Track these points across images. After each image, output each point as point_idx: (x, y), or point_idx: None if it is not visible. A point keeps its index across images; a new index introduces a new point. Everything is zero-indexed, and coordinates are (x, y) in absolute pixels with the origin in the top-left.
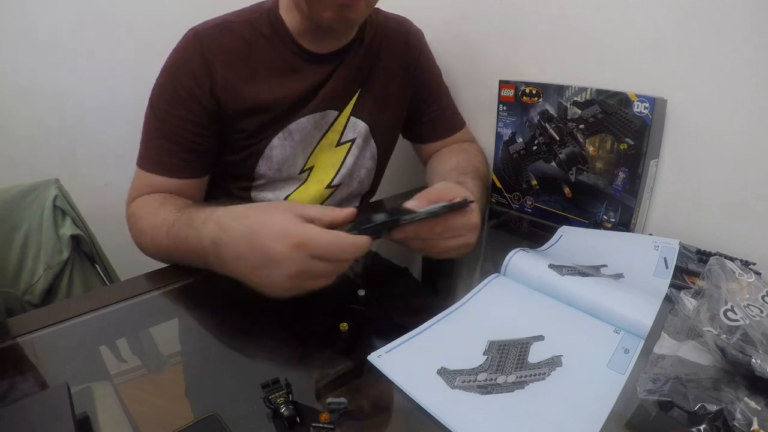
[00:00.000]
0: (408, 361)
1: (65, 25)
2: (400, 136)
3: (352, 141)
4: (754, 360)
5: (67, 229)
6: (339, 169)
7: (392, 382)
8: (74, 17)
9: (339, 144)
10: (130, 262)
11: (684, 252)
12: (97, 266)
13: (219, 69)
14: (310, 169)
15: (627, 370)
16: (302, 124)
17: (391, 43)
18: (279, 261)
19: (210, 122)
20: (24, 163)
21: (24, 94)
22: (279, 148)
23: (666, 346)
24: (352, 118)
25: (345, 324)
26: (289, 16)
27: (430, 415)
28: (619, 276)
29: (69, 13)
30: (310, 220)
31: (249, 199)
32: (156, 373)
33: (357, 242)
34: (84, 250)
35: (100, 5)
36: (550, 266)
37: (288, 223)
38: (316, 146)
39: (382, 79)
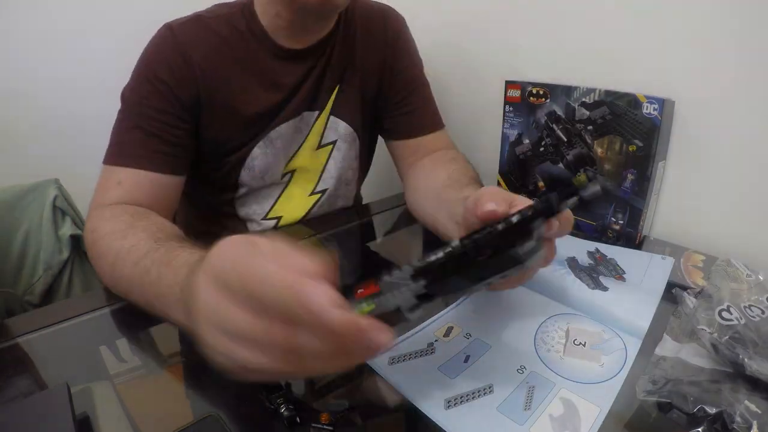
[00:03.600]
0: (403, 361)
1: (65, 25)
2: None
3: (333, 143)
4: (741, 357)
5: (67, 229)
6: (321, 174)
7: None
8: (75, 18)
9: (320, 147)
10: None
11: None
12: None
13: (197, 63)
14: (291, 172)
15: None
16: (282, 131)
17: (369, 33)
18: (199, 303)
19: (188, 117)
20: (24, 163)
21: (24, 95)
22: (261, 157)
23: (668, 347)
24: (332, 117)
25: None
26: (264, 10)
27: (427, 416)
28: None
29: (69, 13)
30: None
31: (234, 214)
32: (156, 373)
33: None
34: (84, 250)
35: (100, 6)
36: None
37: (231, 249)
38: (298, 150)
39: (360, 75)
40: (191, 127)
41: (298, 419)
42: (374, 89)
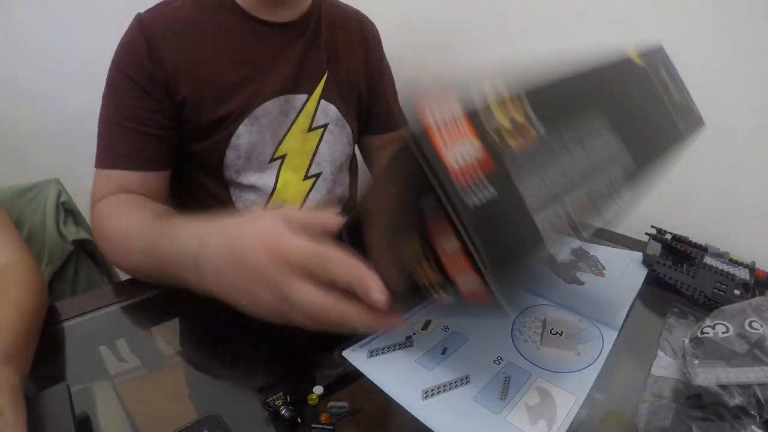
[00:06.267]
0: (382, 354)
1: (65, 26)
2: None
3: (325, 126)
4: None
5: (71, 227)
6: (313, 156)
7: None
8: (74, 19)
9: (311, 129)
10: None
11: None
12: (97, 266)
13: (162, 45)
14: (282, 158)
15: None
16: (267, 108)
17: (348, 29)
18: (258, 274)
19: (165, 98)
20: (24, 163)
21: (24, 95)
22: (246, 135)
23: (663, 365)
24: (323, 101)
25: None
26: None
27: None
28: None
29: (68, 14)
30: (301, 228)
31: (227, 197)
32: (156, 373)
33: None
34: (86, 250)
35: (99, 7)
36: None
37: (271, 230)
38: (287, 133)
39: (345, 65)
40: (171, 109)
41: (299, 419)
42: (359, 82)
